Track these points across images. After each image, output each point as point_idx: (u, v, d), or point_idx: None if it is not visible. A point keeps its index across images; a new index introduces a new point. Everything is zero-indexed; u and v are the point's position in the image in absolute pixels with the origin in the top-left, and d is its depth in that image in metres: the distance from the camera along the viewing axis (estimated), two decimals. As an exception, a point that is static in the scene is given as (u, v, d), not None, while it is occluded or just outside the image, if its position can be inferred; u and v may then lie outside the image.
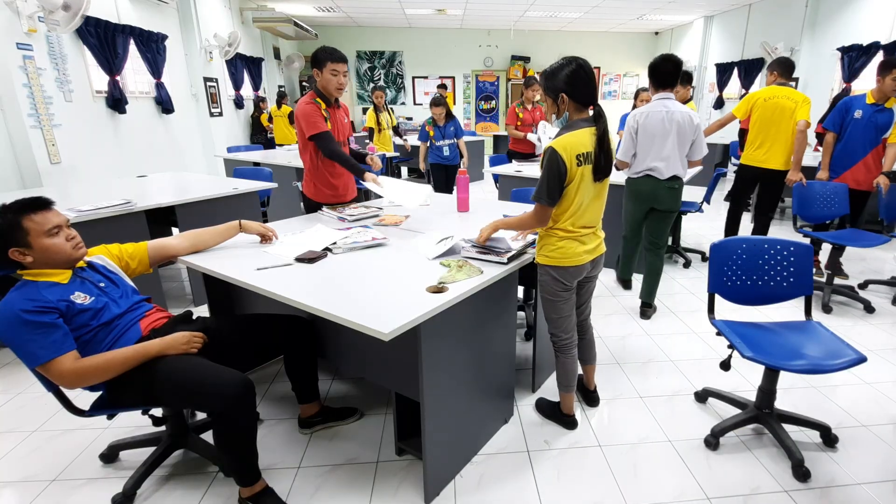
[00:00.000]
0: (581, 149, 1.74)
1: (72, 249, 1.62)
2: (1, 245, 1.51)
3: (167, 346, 1.64)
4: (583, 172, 1.77)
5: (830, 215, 3.57)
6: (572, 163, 1.72)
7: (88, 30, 4.86)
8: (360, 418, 2.19)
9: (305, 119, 2.60)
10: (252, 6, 8.39)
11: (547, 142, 2.48)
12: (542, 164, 1.76)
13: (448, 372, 1.72)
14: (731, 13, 9.13)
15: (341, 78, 2.61)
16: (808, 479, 1.82)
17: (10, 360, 2.76)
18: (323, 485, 1.84)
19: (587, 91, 1.77)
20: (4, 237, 1.51)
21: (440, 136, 5.12)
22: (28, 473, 1.91)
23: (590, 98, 1.78)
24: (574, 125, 1.78)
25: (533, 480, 1.86)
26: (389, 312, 1.46)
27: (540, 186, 1.76)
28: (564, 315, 1.98)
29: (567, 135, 1.75)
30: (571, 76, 1.74)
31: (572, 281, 1.92)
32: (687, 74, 3.83)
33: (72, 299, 1.56)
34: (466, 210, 2.82)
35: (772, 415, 2.03)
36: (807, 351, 1.87)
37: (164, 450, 1.87)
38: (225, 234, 2.14)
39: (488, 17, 10.00)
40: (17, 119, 4.13)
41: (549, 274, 1.91)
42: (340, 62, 2.59)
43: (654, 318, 3.22)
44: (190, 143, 6.87)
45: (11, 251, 1.51)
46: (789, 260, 2.08)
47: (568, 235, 1.85)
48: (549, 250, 1.88)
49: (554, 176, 1.73)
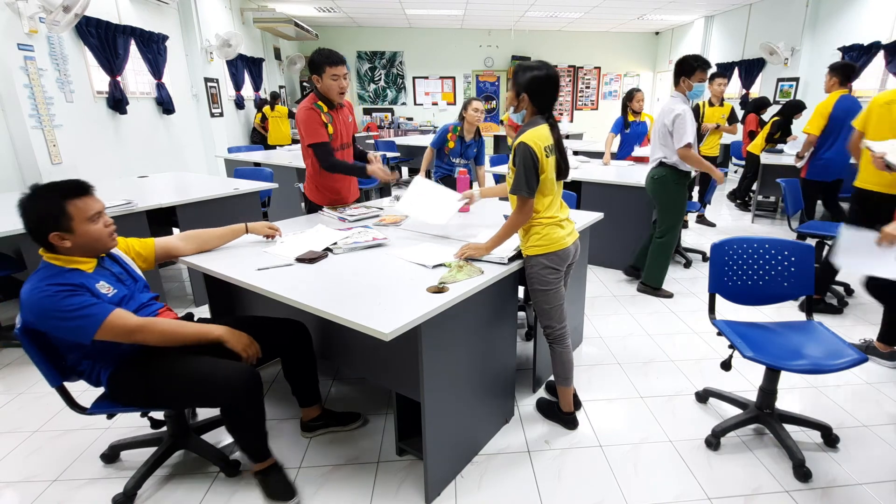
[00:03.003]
0: (546, 141, 1.84)
1: (108, 238, 1.61)
2: (42, 228, 1.48)
3: (229, 337, 1.65)
4: (551, 164, 1.86)
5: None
6: (542, 154, 1.81)
7: (89, 30, 4.87)
8: (363, 424, 2.17)
9: (305, 126, 2.57)
10: (252, 6, 8.40)
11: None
12: (515, 160, 1.82)
13: (449, 372, 1.72)
14: (731, 13, 9.12)
15: (342, 81, 2.54)
16: (810, 479, 1.82)
17: (11, 361, 2.77)
18: (324, 485, 1.84)
19: (546, 101, 1.87)
20: (47, 221, 1.48)
21: (458, 152, 4.05)
22: (29, 473, 1.91)
23: (546, 108, 1.89)
24: (534, 122, 1.87)
25: (534, 480, 1.86)
26: (390, 312, 1.46)
27: (518, 180, 1.82)
28: (557, 304, 2.00)
29: (530, 130, 1.83)
30: (536, 81, 1.83)
31: (562, 265, 1.96)
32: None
33: (97, 288, 1.54)
34: (467, 210, 2.82)
35: (773, 415, 2.03)
36: (808, 351, 1.87)
37: (166, 450, 1.87)
38: (230, 235, 2.14)
39: (489, 18, 10.00)
40: (19, 120, 4.14)
41: (541, 263, 1.93)
42: (339, 65, 2.51)
43: (654, 318, 3.22)
44: (191, 144, 6.87)
45: (52, 235, 1.49)
46: (790, 260, 2.09)
47: (550, 222, 1.92)
48: (536, 240, 1.92)
49: (530, 167, 1.80)
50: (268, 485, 1.76)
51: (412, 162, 7.70)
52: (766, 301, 2.14)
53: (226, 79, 7.81)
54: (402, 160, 7.53)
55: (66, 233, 1.50)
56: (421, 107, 11.85)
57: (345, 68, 2.56)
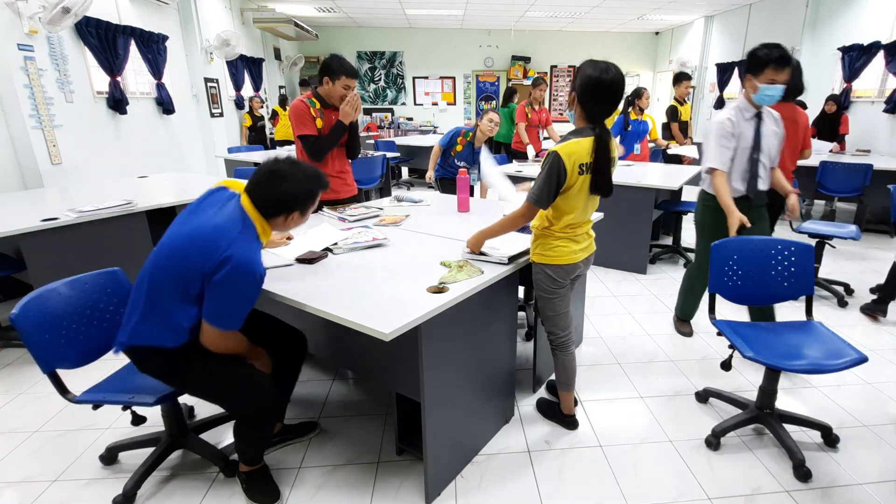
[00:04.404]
0: (583, 158, 1.73)
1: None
2: (286, 208, 1.54)
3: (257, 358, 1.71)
4: (583, 182, 1.77)
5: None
6: (574, 171, 1.72)
7: (89, 30, 4.87)
8: (318, 433, 2.12)
9: (295, 117, 2.67)
10: (252, 6, 8.40)
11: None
12: (544, 166, 1.75)
13: (449, 372, 1.72)
14: (731, 13, 9.12)
15: (350, 93, 2.65)
16: (810, 479, 1.82)
17: (11, 361, 2.77)
18: (324, 485, 1.84)
19: (597, 109, 1.72)
20: (300, 201, 1.56)
21: (465, 157, 4.00)
22: (29, 474, 1.91)
23: (595, 117, 1.74)
24: (582, 132, 1.76)
25: (534, 480, 1.86)
26: (390, 312, 1.46)
27: (538, 189, 1.75)
28: (561, 312, 1.99)
29: (573, 141, 1.73)
30: (589, 84, 1.69)
31: (567, 278, 1.93)
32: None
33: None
34: (467, 210, 2.82)
35: (773, 415, 2.03)
36: (808, 351, 1.87)
37: (164, 450, 1.87)
38: None
39: (489, 17, 10.00)
40: (19, 120, 4.14)
41: (545, 272, 1.92)
42: (354, 78, 2.64)
43: (654, 318, 3.22)
44: (191, 144, 6.87)
45: (294, 214, 1.57)
46: (790, 260, 2.08)
47: (564, 236, 1.87)
48: (545, 249, 1.89)
49: (553, 181, 1.72)
50: (250, 486, 1.76)
51: (412, 162, 7.71)
52: (766, 301, 2.14)
53: (226, 79, 7.81)
54: (402, 160, 7.53)
55: (300, 216, 1.59)
56: (421, 107, 11.85)
57: (356, 81, 2.68)
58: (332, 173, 2.82)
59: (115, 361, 1.85)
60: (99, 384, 1.75)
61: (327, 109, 2.72)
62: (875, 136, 6.26)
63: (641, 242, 3.95)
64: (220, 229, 1.46)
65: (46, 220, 2.63)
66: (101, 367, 1.84)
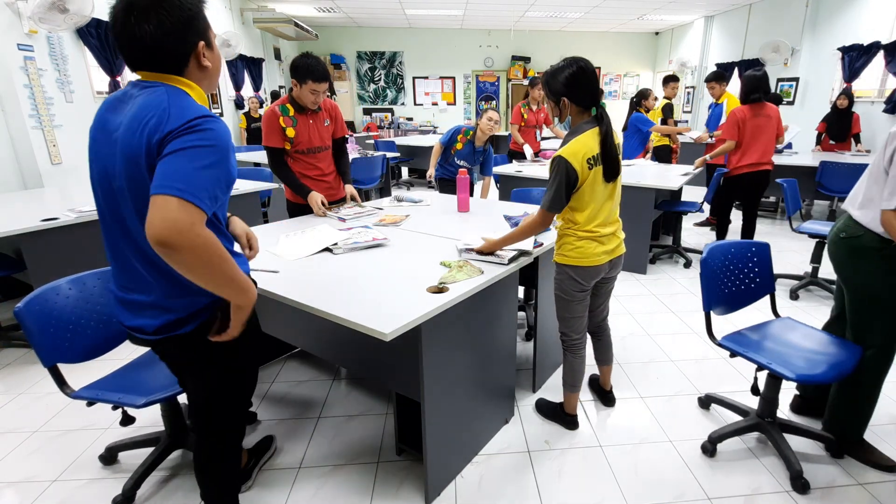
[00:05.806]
0: (590, 152, 1.75)
1: None
2: (181, 48, 1.26)
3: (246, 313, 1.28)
4: (595, 174, 1.77)
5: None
6: (583, 167, 1.73)
7: (89, 30, 4.86)
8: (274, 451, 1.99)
9: (264, 127, 2.61)
10: (252, 7, 8.40)
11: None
12: (551, 173, 1.76)
13: (448, 372, 1.72)
14: (731, 13, 9.12)
15: (319, 97, 2.52)
16: (808, 490, 1.78)
17: (11, 361, 2.77)
18: (324, 485, 1.84)
19: (588, 93, 1.77)
20: (187, 25, 1.26)
21: (466, 157, 3.94)
22: (29, 474, 1.91)
23: (591, 100, 1.78)
24: (578, 129, 1.78)
25: (534, 481, 1.86)
26: (390, 313, 1.46)
27: (550, 196, 1.77)
28: (577, 315, 1.98)
29: (573, 141, 1.75)
30: (571, 79, 1.74)
31: (589, 282, 1.91)
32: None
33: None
34: (467, 210, 2.82)
35: (773, 423, 1.97)
36: (821, 358, 1.80)
37: (164, 450, 1.87)
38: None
39: (489, 18, 10.00)
40: (19, 120, 4.14)
41: (566, 273, 1.91)
42: (320, 82, 2.45)
43: (654, 318, 3.22)
44: (190, 144, 6.85)
45: (200, 47, 1.31)
46: (753, 261, 2.09)
47: (587, 235, 1.85)
48: (568, 250, 1.88)
49: (563, 185, 1.74)
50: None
51: (412, 162, 7.71)
52: (743, 306, 2.08)
53: (226, 79, 7.80)
54: (401, 160, 7.53)
55: (206, 48, 1.32)
56: (421, 107, 11.84)
57: (325, 85, 2.50)
58: (327, 171, 2.81)
59: (120, 361, 1.86)
60: (97, 381, 1.75)
61: (302, 115, 2.59)
62: (875, 137, 6.26)
63: (641, 242, 3.95)
64: (145, 107, 1.13)
65: (46, 220, 2.63)
66: (100, 368, 1.84)
